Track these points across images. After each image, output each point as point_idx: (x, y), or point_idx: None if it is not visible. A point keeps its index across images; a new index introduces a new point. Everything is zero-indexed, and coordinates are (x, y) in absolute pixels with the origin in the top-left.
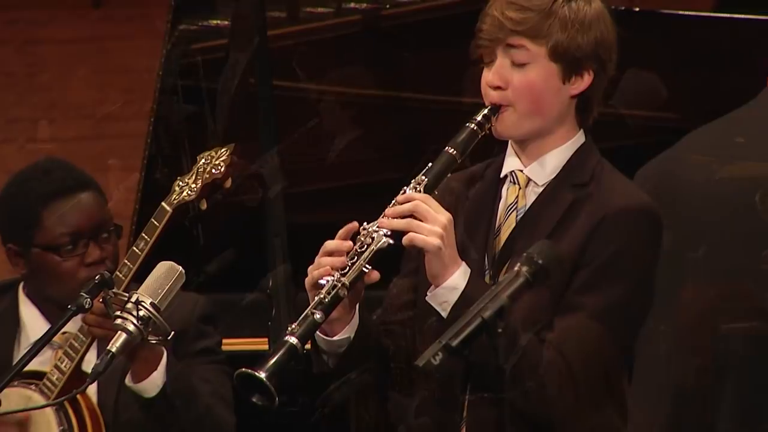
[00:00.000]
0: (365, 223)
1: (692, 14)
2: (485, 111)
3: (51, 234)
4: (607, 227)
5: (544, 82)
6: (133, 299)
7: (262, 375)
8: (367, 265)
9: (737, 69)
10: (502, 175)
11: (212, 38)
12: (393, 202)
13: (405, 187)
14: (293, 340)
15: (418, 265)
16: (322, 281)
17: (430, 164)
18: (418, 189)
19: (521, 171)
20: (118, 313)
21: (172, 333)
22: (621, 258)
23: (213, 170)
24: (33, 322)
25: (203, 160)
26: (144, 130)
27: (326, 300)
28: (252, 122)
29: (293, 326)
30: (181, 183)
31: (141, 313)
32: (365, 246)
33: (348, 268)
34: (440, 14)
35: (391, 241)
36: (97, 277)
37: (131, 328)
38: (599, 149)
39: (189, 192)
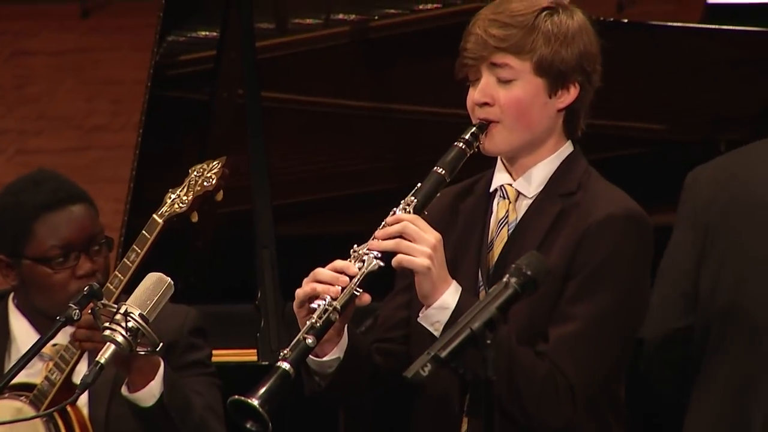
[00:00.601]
0: (355, 245)
1: (680, 26)
2: (473, 129)
3: (42, 246)
4: (594, 235)
5: (530, 98)
6: (122, 310)
7: (255, 402)
8: (358, 289)
9: (726, 80)
10: (491, 190)
11: (201, 49)
12: (383, 223)
13: (394, 208)
14: (285, 365)
15: (411, 282)
16: (314, 305)
17: (419, 184)
18: (407, 210)
19: (510, 185)
20: (106, 324)
21: (161, 344)
22: (609, 265)
23: (204, 183)
24: (23, 334)
25: (195, 173)
26: (133, 141)
27: (318, 324)
28: (240, 134)
29: (285, 351)
30: (172, 195)
31: (129, 324)
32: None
33: (339, 291)
34: (429, 26)
35: (382, 264)
36: (85, 289)
37: (120, 339)
38: (588, 161)
39: (180, 204)
